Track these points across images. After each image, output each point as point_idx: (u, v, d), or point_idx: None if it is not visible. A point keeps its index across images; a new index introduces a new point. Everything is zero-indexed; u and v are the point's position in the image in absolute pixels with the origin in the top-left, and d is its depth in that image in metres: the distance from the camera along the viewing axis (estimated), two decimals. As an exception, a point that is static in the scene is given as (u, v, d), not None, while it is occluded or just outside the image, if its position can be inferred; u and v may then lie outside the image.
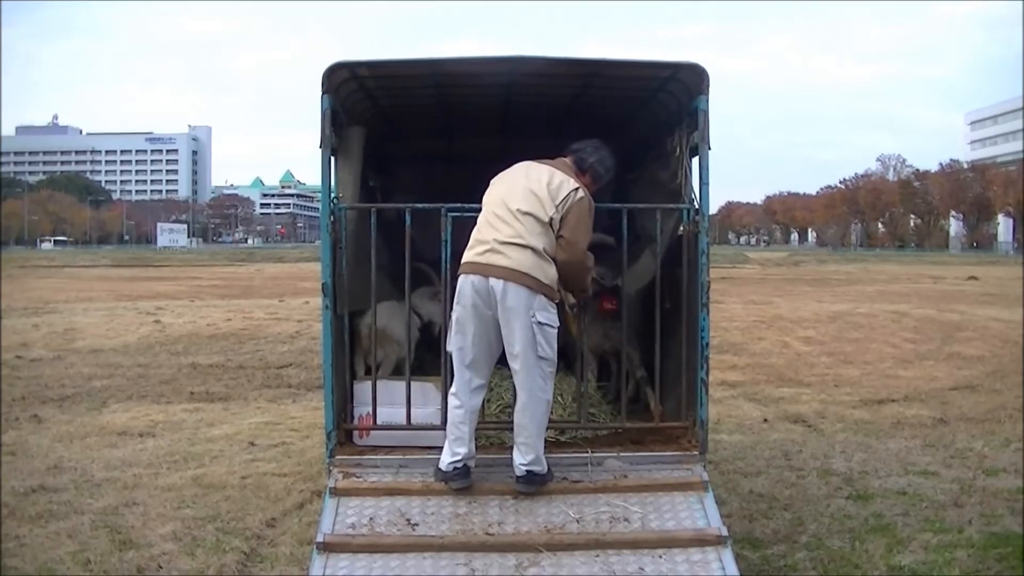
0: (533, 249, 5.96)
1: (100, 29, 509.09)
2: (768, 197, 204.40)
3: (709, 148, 6.47)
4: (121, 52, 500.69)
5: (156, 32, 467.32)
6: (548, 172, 6.25)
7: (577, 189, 6.13)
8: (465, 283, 6.02)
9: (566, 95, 7.73)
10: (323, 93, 6.38)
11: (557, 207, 6.05)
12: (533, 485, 6.07)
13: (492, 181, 6.43)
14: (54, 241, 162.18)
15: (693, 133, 6.63)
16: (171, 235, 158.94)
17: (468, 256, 6.10)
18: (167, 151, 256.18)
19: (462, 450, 6.09)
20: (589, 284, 6.46)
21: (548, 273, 6.00)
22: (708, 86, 6.43)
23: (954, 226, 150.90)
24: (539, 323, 5.91)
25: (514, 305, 5.90)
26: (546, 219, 6.02)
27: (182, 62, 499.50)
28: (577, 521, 5.89)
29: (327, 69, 6.37)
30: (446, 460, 6.10)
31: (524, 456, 6.07)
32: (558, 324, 6.09)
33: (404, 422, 6.60)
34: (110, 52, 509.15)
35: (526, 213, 6.03)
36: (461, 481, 6.07)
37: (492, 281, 5.92)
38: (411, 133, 9.07)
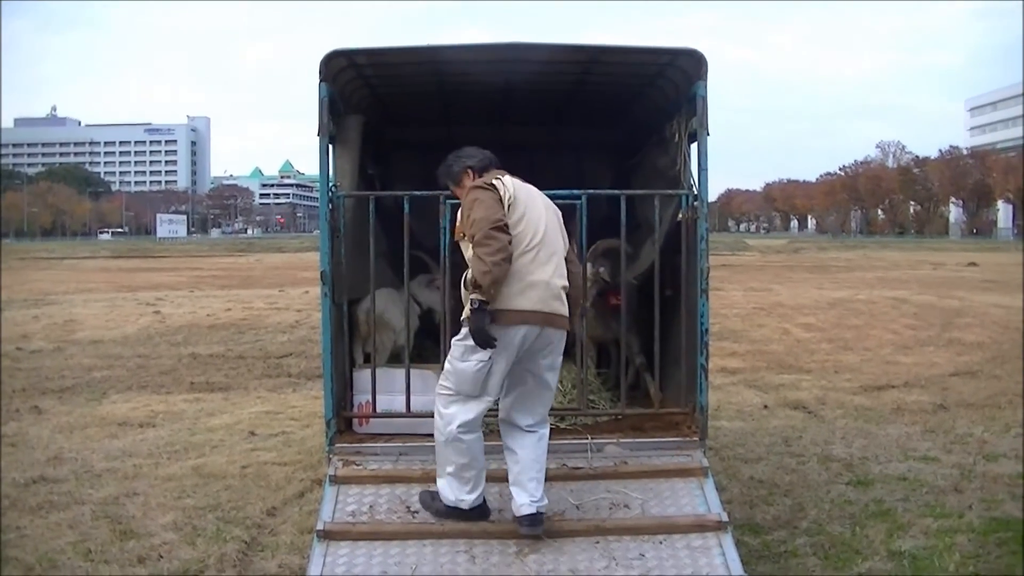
0: (567, 290, 5.70)
1: (98, 21, 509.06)
2: (768, 184, 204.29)
3: (708, 134, 6.46)
4: (119, 43, 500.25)
5: (154, 23, 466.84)
6: (537, 192, 5.87)
7: None
8: (516, 333, 5.46)
9: (565, 83, 7.72)
10: (321, 81, 6.37)
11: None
12: (541, 526, 5.55)
13: (510, 200, 5.58)
14: (112, 232, 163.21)
15: (692, 119, 6.62)
16: (170, 226, 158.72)
17: (522, 300, 5.45)
18: (166, 142, 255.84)
19: (484, 482, 5.74)
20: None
21: None
22: (706, 72, 6.42)
23: (954, 213, 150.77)
24: (558, 363, 5.81)
25: (559, 349, 5.71)
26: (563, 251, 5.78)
27: (181, 53, 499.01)
28: (577, 507, 5.90)
29: (325, 57, 6.37)
30: (475, 493, 5.68)
31: (535, 492, 5.59)
32: None
33: (404, 410, 6.61)
34: (108, 43, 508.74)
35: (556, 251, 5.67)
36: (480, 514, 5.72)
37: (549, 331, 5.56)
38: (410, 121, 9.07)
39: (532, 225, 5.55)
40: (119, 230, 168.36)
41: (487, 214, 5.36)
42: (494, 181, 5.61)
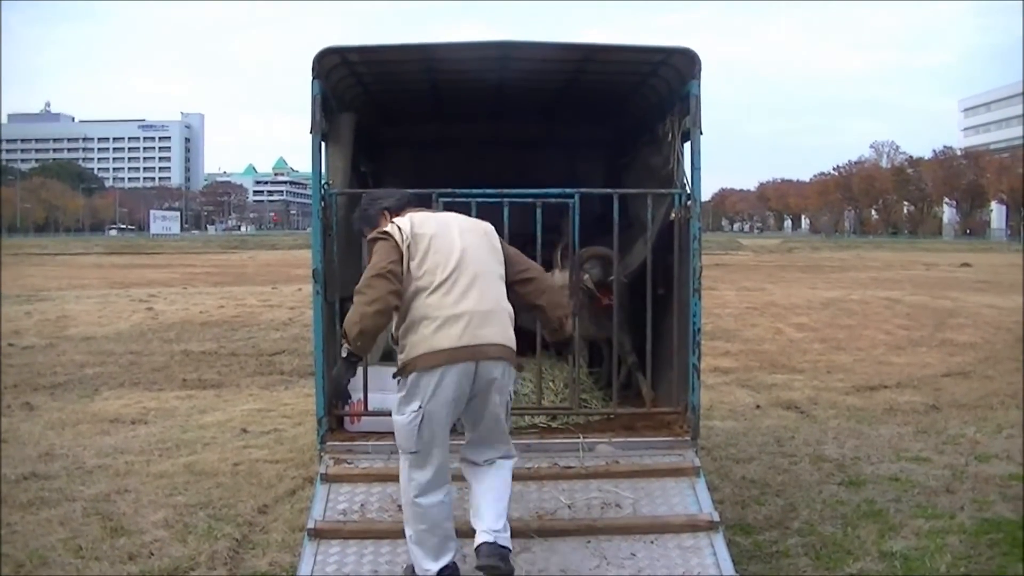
0: (509, 314, 5.24)
1: (93, 16, 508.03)
2: (761, 184, 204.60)
3: (701, 133, 6.45)
4: (114, 39, 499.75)
5: (149, 19, 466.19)
6: (457, 215, 5.51)
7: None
8: (444, 376, 4.97)
9: (558, 81, 7.71)
10: (313, 79, 6.36)
11: (502, 249, 5.39)
12: (501, 560, 5.07)
13: (407, 242, 5.10)
14: (118, 229, 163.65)
15: (685, 118, 6.61)
16: (164, 223, 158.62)
17: (440, 339, 4.96)
18: (160, 138, 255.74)
19: (454, 544, 5.28)
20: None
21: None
22: (700, 71, 6.41)
23: (947, 213, 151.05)
24: (511, 396, 5.36)
25: (508, 378, 5.23)
26: (502, 274, 5.30)
27: (175, 49, 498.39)
28: (569, 507, 5.90)
29: (317, 54, 6.36)
30: (440, 562, 5.16)
31: (493, 523, 5.18)
32: None
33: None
34: (103, 39, 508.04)
35: (480, 274, 5.15)
36: None
37: (487, 365, 5.05)
38: (403, 118, 9.06)
39: (441, 257, 5.06)
40: (125, 227, 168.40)
41: (375, 261, 5.03)
42: (389, 227, 5.15)
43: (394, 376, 5.12)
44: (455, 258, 5.07)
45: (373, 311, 4.85)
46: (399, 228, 5.12)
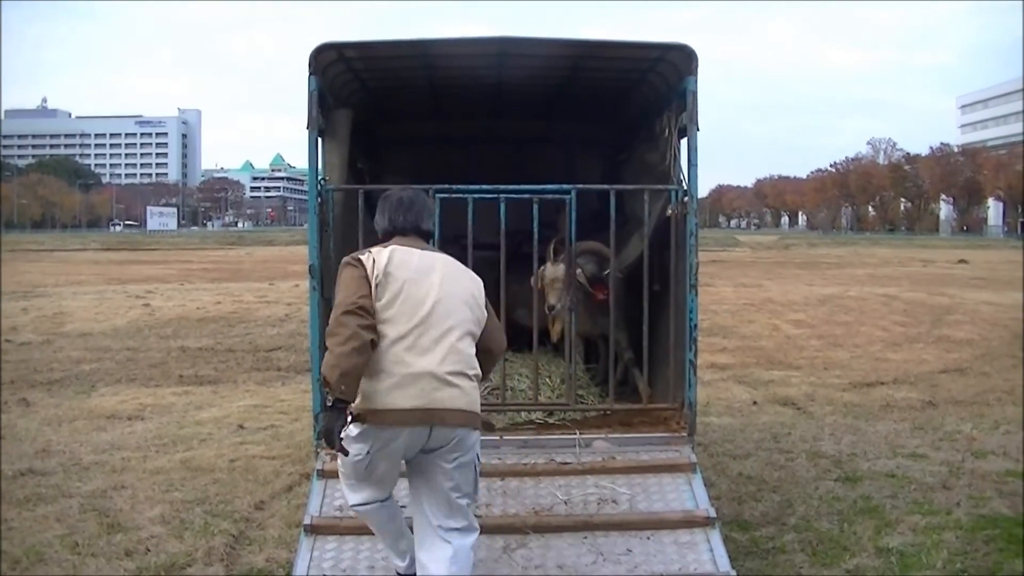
0: (476, 375, 4.84)
1: (90, 12, 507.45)
2: (759, 180, 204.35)
3: (698, 129, 6.46)
4: (111, 35, 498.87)
5: (146, 15, 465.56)
6: (445, 259, 5.01)
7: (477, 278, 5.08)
8: (394, 436, 4.66)
9: (556, 77, 7.72)
10: (310, 74, 6.36)
11: (483, 306, 5.01)
12: None
13: (378, 278, 4.74)
14: (124, 224, 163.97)
15: (682, 114, 6.62)
16: (161, 219, 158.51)
17: (396, 397, 4.60)
18: (157, 134, 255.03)
19: (404, 548, 5.17)
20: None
21: (478, 398, 4.88)
22: (697, 67, 6.41)
23: (944, 210, 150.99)
24: (479, 461, 4.92)
25: (467, 446, 4.77)
26: (477, 332, 4.92)
27: (172, 45, 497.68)
28: (565, 503, 5.90)
29: (314, 50, 6.35)
30: (406, 560, 5.16)
31: None
32: None
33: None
34: (100, 35, 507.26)
35: (451, 330, 4.75)
36: None
37: (442, 431, 4.66)
38: (400, 115, 9.06)
39: (410, 306, 4.67)
40: (130, 223, 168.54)
41: (342, 297, 4.69)
42: (364, 255, 4.80)
43: (348, 415, 4.66)
44: (426, 309, 4.68)
45: (349, 350, 4.49)
46: (373, 261, 4.75)
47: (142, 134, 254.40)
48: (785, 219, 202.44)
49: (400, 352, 4.61)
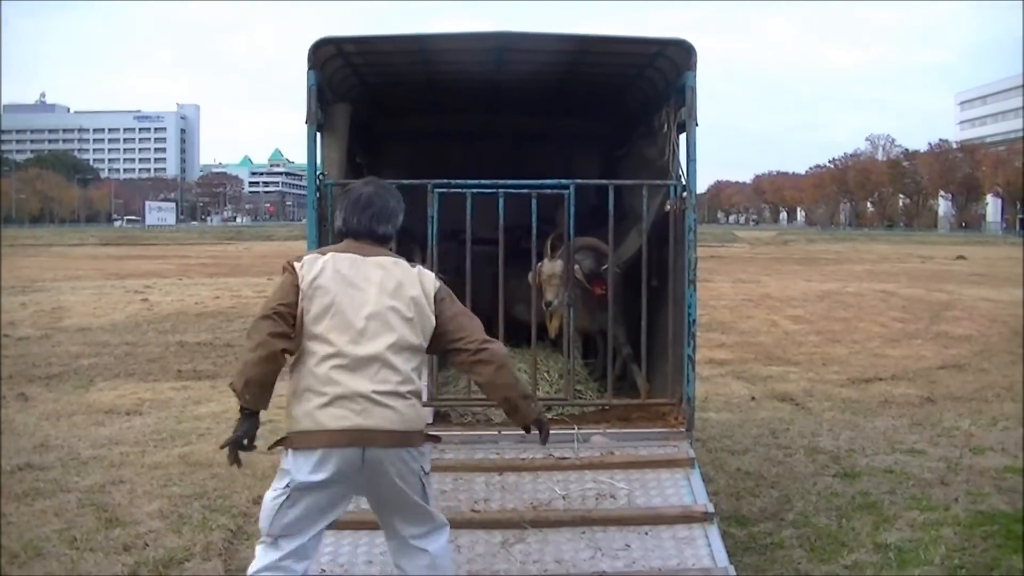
0: (417, 392, 4.45)
1: (88, 7, 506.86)
2: (757, 176, 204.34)
3: (697, 125, 6.45)
4: (109, 30, 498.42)
5: (144, 10, 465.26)
6: (391, 263, 4.54)
7: (435, 278, 4.61)
8: (322, 460, 4.29)
9: (555, 72, 7.71)
10: (309, 69, 6.35)
11: (433, 311, 4.50)
12: None
13: (309, 285, 4.39)
14: (127, 220, 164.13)
15: (681, 110, 6.61)
16: (159, 214, 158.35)
17: (323, 416, 4.28)
18: (155, 129, 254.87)
19: None
20: (528, 386, 5.06)
21: (422, 414, 4.53)
22: (695, 63, 6.41)
23: (943, 206, 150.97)
24: (425, 472, 4.52)
25: (407, 468, 4.39)
26: (424, 344, 4.49)
27: (171, 41, 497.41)
28: (563, 498, 5.90)
29: (313, 44, 6.35)
30: None
31: None
32: None
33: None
34: (98, 30, 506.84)
35: (386, 347, 4.34)
36: None
37: (376, 452, 4.28)
38: (399, 110, 9.06)
39: (343, 319, 4.32)
40: (132, 218, 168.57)
41: (265, 301, 4.45)
42: (298, 262, 4.47)
43: (270, 448, 4.60)
44: (359, 324, 4.31)
45: (256, 358, 4.27)
46: (306, 264, 4.44)
47: (140, 129, 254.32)
48: (784, 215, 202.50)
49: (330, 370, 4.27)
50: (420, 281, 4.47)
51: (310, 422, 4.28)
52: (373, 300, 4.36)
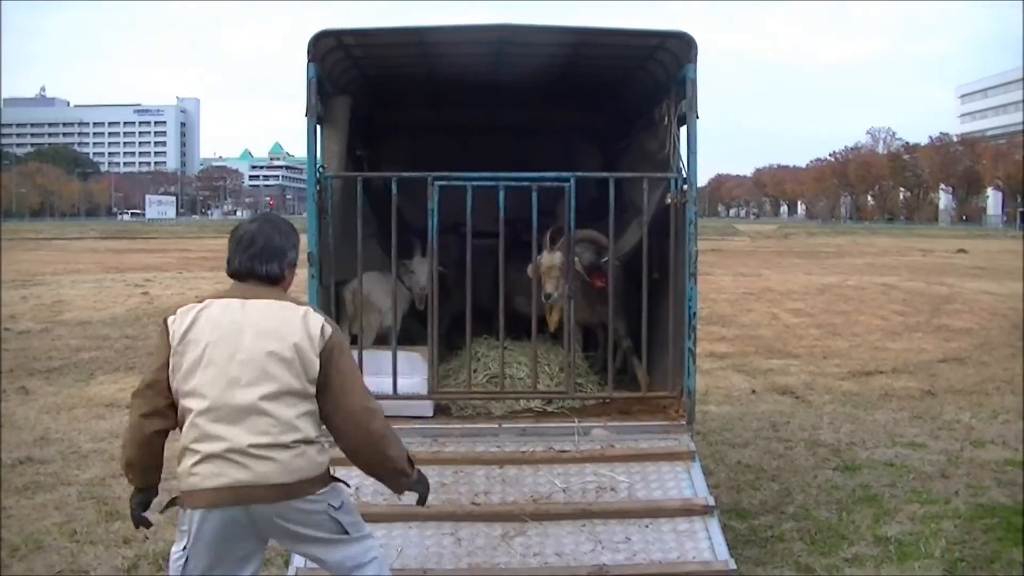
0: (305, 439, 4.08)
1: (89, 1, 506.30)
2: (758, 170, 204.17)
3: (697, 117, 6.45)
4: (109, 23, 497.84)
5: (144, 4, 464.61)
6: (276, 307, 4.18)
7: (325, 323, 4.19)
8: (205, 521, 4.01)
9: (555, 65, 7.69)
10: (309, 62, 6.34)
11: (319, 356, 4.12)
12: None
13: (179, 341, 4.11)
14: (131, 214, 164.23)
15: (681, 103, 6.60)
16: (160, 207, 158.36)
17: (199, 476, 4.00)
18: (155, 123, 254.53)
19: None
20: (402, 461, 4.49)
21: (318, 460, 4.14)
22: (696, 55, 6.39)
23: (943, 199, 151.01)
24: (336, 507, 4.23)
25: (307, 520, 4.14)
26: (311, 389, 4.12)
27: (171, 33, 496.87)
28: (564, 491, 5.90)
29: (312, 37, 6.34)
30: None
31: None
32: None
33: (390, 391, 6.57)
34: (98, 24, 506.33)
35: (262, 398, 4.01)
36: None
37: (261, 509, 4.01)
38: (399, 103, 9.05)
39: (215, 370, 4.01)
40: (136, 212, 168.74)
41: (147, 364, 4.24)
42: (170, 316, 4.21)
43: (162, 511, 4.41)
44: (231, 374, 4.00)
45: (131, 439, 4.20)
46: (179, 317, 4.17)
47: (141, 123, 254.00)
48: (784, 208, 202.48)
49: (205, 426, 3.98)
50: (305, 325, 4.11)
51: (191, 481, 4.02)
52: (247, 346, 4.03)
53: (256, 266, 4.24)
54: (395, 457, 4.38)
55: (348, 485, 4.48)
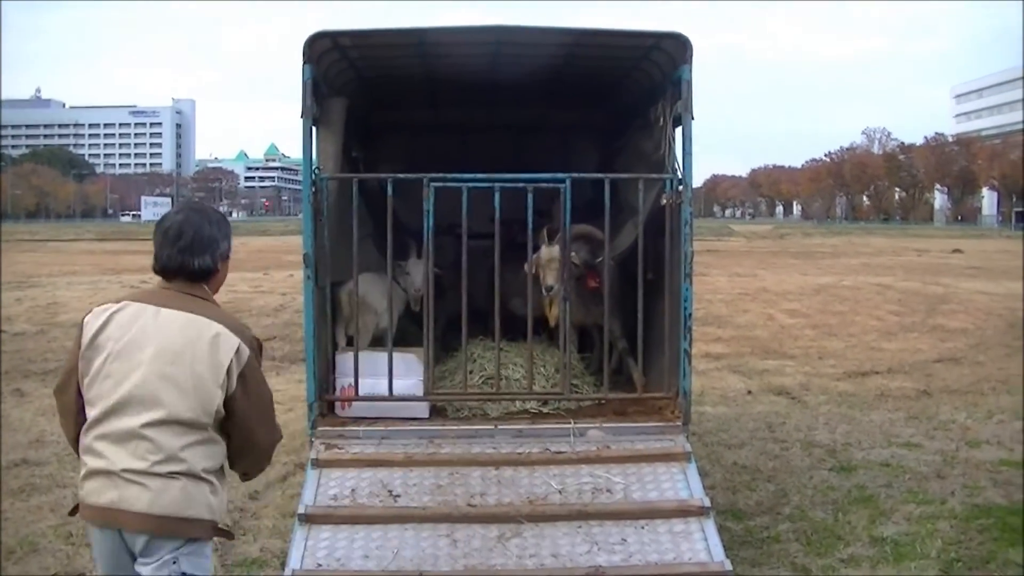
0: (189, 472, 3.80)
1: (85, 2, 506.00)
2: (754, 170, 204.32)
3: (692, 118, 6.44)
4: (104, 24, 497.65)
5: (140, 4, 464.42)
6: (184, 323, 3.86)
7: (239, 348, 3.91)
8: (96, 535, 3.88)
9: (551, 66, 7.69)
10: (304, 63, 6.32)
11: (223, 387, 3.85)
12: None
13: (87, 343, 3.87)
14: (132, 215, 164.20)
15: (676, 103, 6.60)
16: (155, 209, 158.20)
17: (86, 490, 3.82)
18: (151, 124, 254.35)
19: None
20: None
21: (203, 500, 3.85)
22: (691, 56, 6.39)
23: (939, 199, 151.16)
24: (183, 574, 3.82)
25: (161, 564, 3.78)
26: (206, 420, 3.83)
27: (166, 34, 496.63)
28: (560, 492, 5.89)
29: (308, 38, 6.33)
30: None
31: None
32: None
33: (386, 393, 6.57)
34: (94, 24, 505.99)
35: (171, 414, 3.76)
36: None
37: (132, 537, 3.77)
38: (395, 103, 9.04)
39: (111, 383, 3.78)
40: (135, 213, 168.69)
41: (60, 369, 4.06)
42: (88, 314, 3.96)
43: (70, 513, 4.10)
44: (123, 391, 3.75)
45: (65, 424, 4.06)
46: (90, 324, 3.91)
47: (136, 124, 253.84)
48: (780, 208, 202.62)
49: (93, 441, 3.78)
50: (213, 351, 3.82)
51: (81, 493, 3.85)
52: (144, 367, 3.76)
53: (186, 260, 3.93)
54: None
55: (231, 536, 4.29)
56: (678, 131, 6.70)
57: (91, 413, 3.80)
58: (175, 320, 3.83)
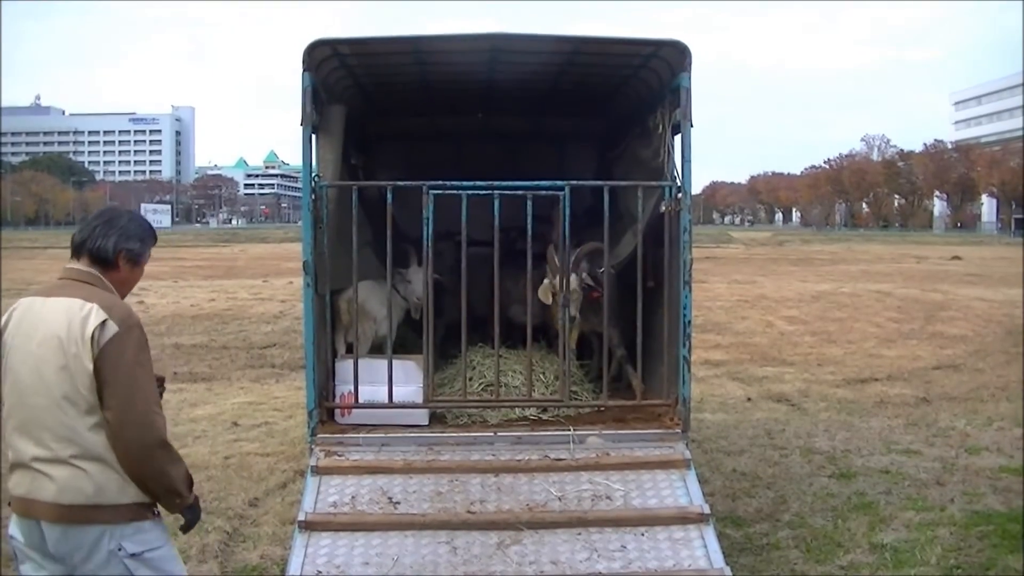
0: (94, 455, 3.80)
1: (83, 8, 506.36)
2: (752, 177, 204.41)
3: (691, 125, 6.44)
4: (104, 31, 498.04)
5: (139, 11, 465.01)
6: (64, 307, 3.93)
7: (105, 322, 3.85)
8: (20, 528, 3.91)
9: (549, 73, 7.70)
10: (304, 71, 6.33)
11: (94, 360, 3.82)
12: None
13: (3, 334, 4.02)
14: None
15: (675, 111, 6.60)
16: (155, 216, 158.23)
17: (10, 481, 3.88)
18: (150, 131, 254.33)
19: None
20: (180, 482, 4.06)
21: (110, 484, 3.81)
22: (690, 63, 6.39)
23: (938, 206, 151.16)
24: (133, 554, 3.84)
25: (89, 555, 3.78)
26: (84, 398, 3.81)
27: (166, 42, 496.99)
28: (559, 499, 5.89)
29: (308, 46, 6.33)
30: None
31: None
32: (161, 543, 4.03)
33: (386, 400, 6.57)
34: (93, 32, 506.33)
35: (60, 401, 3.78)
36: None
37: (48, 528, 3.79)
38: (393, 111, 9.05)
39: (13, 374, 3.88)
40: None
41: None
42: (3, 316, 4.11)
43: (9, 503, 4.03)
44: (23, 382, 3.83)
45: None
46: (4, 319, 4.09)
47: (136, 131, 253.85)
48: (779, 215, 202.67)
49: (8, 435, 3.85)
50: (83, 328, 3.81)
51: (7, 486, 3.89)
52: (33, 353, 3.83)
53: (90, 238, 4.13)
54: (172, 476, 3.98)
55: (157, 515, 4.06)
56: (677, 139, 6.71)
57: (4, 409, 3.89)
58: (58, 307, 3.92)
